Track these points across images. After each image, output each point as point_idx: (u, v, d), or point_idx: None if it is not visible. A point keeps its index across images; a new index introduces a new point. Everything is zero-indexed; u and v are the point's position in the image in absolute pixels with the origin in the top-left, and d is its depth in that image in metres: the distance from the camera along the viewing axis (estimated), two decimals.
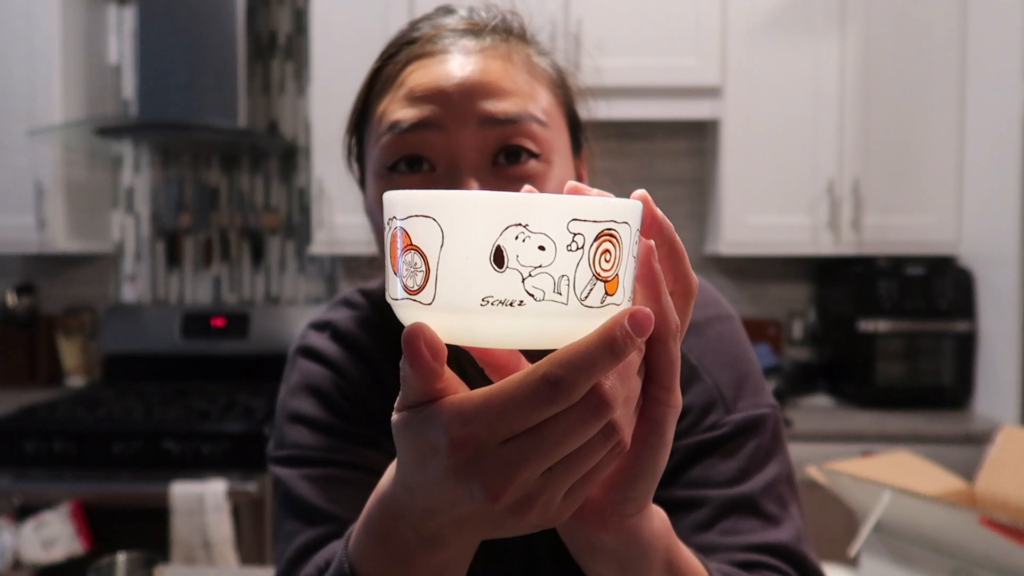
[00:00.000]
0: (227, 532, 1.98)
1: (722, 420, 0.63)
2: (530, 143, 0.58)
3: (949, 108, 2.32)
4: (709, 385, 0.65)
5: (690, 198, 2.73)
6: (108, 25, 2.77)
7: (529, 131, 0.58)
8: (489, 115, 0.56)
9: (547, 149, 0.59)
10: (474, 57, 0.59)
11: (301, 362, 0.71)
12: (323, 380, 0.69)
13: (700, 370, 0.65)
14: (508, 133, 0.57)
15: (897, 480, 0.80)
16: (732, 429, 0.63)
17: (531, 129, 0.58)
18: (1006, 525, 0.69)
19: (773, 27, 2.33)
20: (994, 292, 2.19)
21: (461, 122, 0.56)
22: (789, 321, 2.73)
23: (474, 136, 0.57)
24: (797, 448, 2.05)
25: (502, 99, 0.57)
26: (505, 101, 0.57)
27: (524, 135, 0.57)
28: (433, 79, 0.58)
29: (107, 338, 2.68)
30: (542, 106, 0.60)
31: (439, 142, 0.57)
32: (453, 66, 0.58)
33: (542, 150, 0.58)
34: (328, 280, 2.80)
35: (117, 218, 2.83)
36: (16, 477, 2.08)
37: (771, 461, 0.63)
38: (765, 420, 0.64)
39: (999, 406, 2.16)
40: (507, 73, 0.58)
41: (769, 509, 0.62)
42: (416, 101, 0.58)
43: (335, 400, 0.68)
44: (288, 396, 0.70)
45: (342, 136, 0.76)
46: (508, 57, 0.60)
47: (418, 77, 0.59)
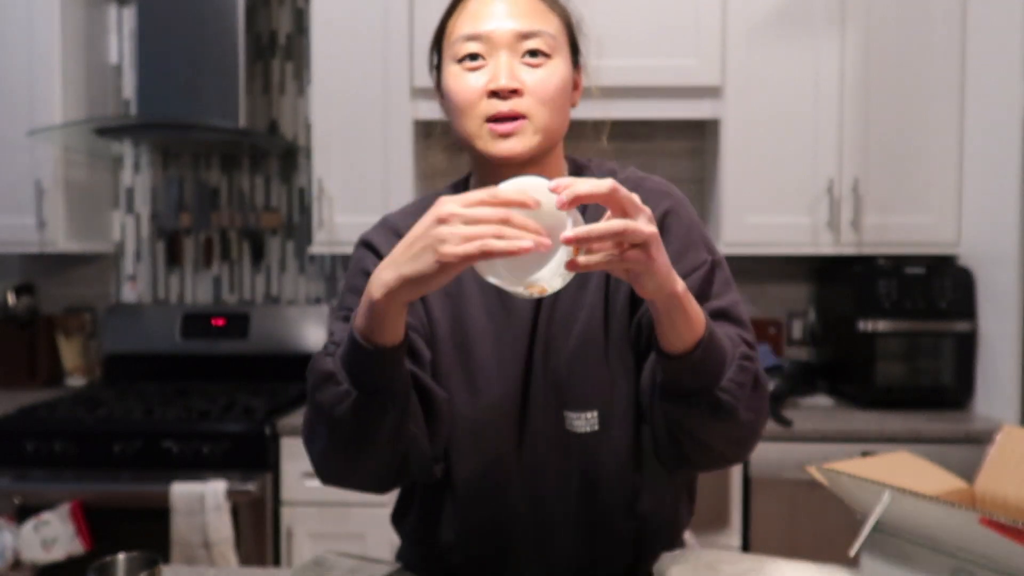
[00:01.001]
0: (227, 532, 1.98)
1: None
2: (543, 46, 0.89)
3: (949, 107, 2.32)
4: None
5: (690, 198, 2.71)
6: (108, 25, 2.77)
7: (541, 39, 0.89)
8: (520, 33, 0.88)
9: (554, 51, 0.90)
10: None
11: (357, 250, 0.99)
12: (371, 263, 0.95)
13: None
14: (531, 40, 0.88)
15: (897, 480, 0.80)
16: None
17: (542, 38, 0.89)
18: (1006, 525, 0.69)
19: (773, 27, 2.33)
20: (994, 292, 2.19)
21: (505, 36, 0.88)
22: (789, 321, 2.73)
23: (511, 44, 0.88)
24: (797, 448, 2.06)
25: (527, 20, 0.88)
26: (529, 21, 0.88)
27: (540, 41, 0.89)
28: (489, 7, 0.89)
29: (107, 338, 2.68)
30: (552, 27, 0.91)
31: (490, 48, 0.88)
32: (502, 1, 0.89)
33: (551, 52, 0.89)
34: (328, 280, 2.80)
35: (117, 218, 2.83)
36: (16, 477, 2.08)
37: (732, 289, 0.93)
38: (718, 263, 0.93)
39: (999, 406, 2.16)
40: (530, 6, 0.90)
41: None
42: (477, 21, 0.88)
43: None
44: (347, 276, 0.98)
45: (342, 136, 0.96)
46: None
47: (477, 5, 0.89)
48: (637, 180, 1.03)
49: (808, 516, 2.07)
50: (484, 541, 0.95)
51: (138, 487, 2.05)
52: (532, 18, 0.88)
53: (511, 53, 0.87)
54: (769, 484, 2.07)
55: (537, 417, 0.92)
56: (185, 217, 2.77)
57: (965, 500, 0.89)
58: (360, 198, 2.40)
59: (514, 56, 0.87)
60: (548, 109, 0.88)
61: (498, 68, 0.86)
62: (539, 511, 0.93)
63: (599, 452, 0.91)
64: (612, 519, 0.93)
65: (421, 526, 0.99)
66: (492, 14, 0.87)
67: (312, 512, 2.14)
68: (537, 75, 0.87)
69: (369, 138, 2.39)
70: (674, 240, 0.92)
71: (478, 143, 0.88)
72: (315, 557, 1.01)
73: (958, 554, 0.77)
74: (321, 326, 2.64)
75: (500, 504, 0.94)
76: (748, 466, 2.07)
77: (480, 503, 0.94)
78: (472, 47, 0.87)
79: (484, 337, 0.93)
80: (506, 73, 0.85)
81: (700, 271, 0.90)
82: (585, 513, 0.93)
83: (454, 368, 0.93)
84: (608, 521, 0.93)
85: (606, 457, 0.91)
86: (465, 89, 0.87)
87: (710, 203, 2.59)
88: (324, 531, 2.14)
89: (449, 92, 0.89)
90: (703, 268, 0.90)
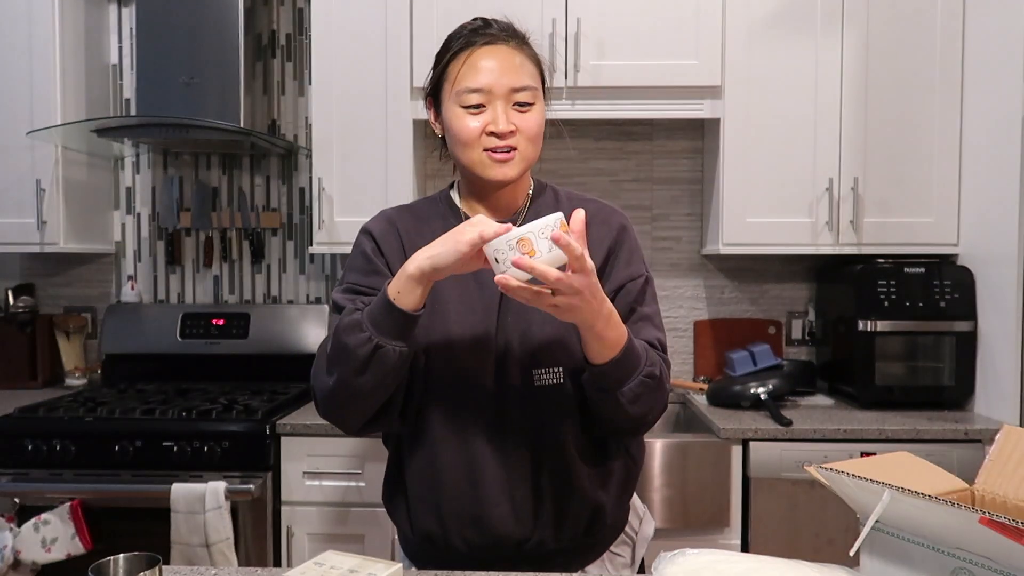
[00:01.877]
0: (227, 532, 1.98)
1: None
2: (529, 97, 1.13)
3: (949, 107, 2.32)
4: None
5: (690, 198, 2.73)
6: (108, 25, 2.77)
7: (528, 92, 1.13)
8: (513, 88, 1.12)
9: (536, 99, 1.14)
10: (506, 53, 1.13)
11: (358, 237, 1.23)
12: (368, 247, 1.20)
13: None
14: (520, 93, 1.12)
15: (897, 480, 0.80)
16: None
17: (529, 91, 1.13)
18: (1006, 525, 0.69)
19: (773, 27, 2.33)
20: (994, 292, 2.19)
21: (502, 89, 1.11)
22: (789, 321, 2.73)
23: (505, 96, 1.12)
24: (797, 448, 2.06)
25: (517, 76, 1.12)
26: (518, 78, 1.12)
27: (527, 94, 1.13)
28: (489, 63, 1.12)
29: (107, 338, 2.68)
30: (534, 77, 1.15)
31: (490, 98, 1.12)
32: (498, 57, 1.12)
33: (534, 100, 1.14)
34: (328, 280, 2.80)
35: (117, 218, 2.83)
36: (16, 477, 2.08)
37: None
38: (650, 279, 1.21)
39: (999, 406, 2.16)
40: (519, 63, 1.13)
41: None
42: (480, 76, 1.11)
43: (372, 259, 1.18)
44: (350, 258, 1.22)
45: (342, 136, 1.08)
46: (520, 50, 1.15)
47: (477, 58, 1.12)
48: (592, 197, 1.28)
49: (808, 516, 2.07)
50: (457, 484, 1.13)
51: (138, 487, 2.05)
52: (520, 74, 1.13)
53: (505, 103, 1.11)
54: (769, 484, 2.07)
55: (509, 375, 1.13)
56: (185, 217, 2.77)
57: (965, 500, 0.89)
58: (360, 198, 2.40)
59: (507, 104, 1.12)
60: (532, 144, 1.14)
61: (497, 115, 1.11)
62: (505, 454, 1.13)
63: (562, 400, 1.14)
64: (567, 459, 1.14)
65: (402, 481, 1.19)
66: (491, 70, 1.11)
67: (312, 512, 2.14)
68: (525, 119, 1.12)
69: (369, 138, 2.39)
70: (627, 250, 1.20)
71: (477, 169, 1.13)
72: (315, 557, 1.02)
73: (958, 554, 0.77)
74: (321, 326, 2.64)
75: (471, 448, 1.13)
76: (748, 466, 2.07)
77: (452, 447, 1.13)
78: (475, 98, 1.11)
79: (458, 306, 1.15)
80: (503, 120, 1.11)
81: (639, 281, 1.18)
82: (546, 453, 1.14)
83: (432, 332, 1.13)
84: (564, 460, 1.14)
85: (568, 404, 1.14)
86: (469, 129, 1.12)
87: (710, 203, 2.59)
88: (324, 531, 2.14)
89: (455, 129, 1.13)
90: (640, 279, 1.18)
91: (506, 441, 1.13)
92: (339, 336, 1.03)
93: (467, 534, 1.14)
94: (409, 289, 1.00)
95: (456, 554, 1.15)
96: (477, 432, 1.13)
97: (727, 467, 2.07)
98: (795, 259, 2.71)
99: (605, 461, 1.18)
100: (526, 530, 1.14)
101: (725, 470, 2.07)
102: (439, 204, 1.24)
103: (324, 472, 2.13)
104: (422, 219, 1.22)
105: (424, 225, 1.20)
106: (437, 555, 1.17)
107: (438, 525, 1.15)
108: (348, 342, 1.01)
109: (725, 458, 2.07)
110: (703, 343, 2.71)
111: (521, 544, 1.14)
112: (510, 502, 1.13)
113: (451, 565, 1.12)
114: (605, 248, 1.17)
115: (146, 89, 2.47)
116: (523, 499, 1.13)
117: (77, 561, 1.98)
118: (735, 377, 2.36)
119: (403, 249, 1.17)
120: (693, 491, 2.05)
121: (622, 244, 1.19)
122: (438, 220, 1.21)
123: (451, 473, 1.13)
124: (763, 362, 2.41)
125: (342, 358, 1.03)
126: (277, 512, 2.14)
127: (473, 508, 1.13)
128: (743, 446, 2.08)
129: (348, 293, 1.14)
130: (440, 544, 1.16)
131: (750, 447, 2.06)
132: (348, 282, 1.17)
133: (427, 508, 1.16)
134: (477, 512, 1.13)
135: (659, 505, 2.06)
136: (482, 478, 1.13)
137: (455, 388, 1.13)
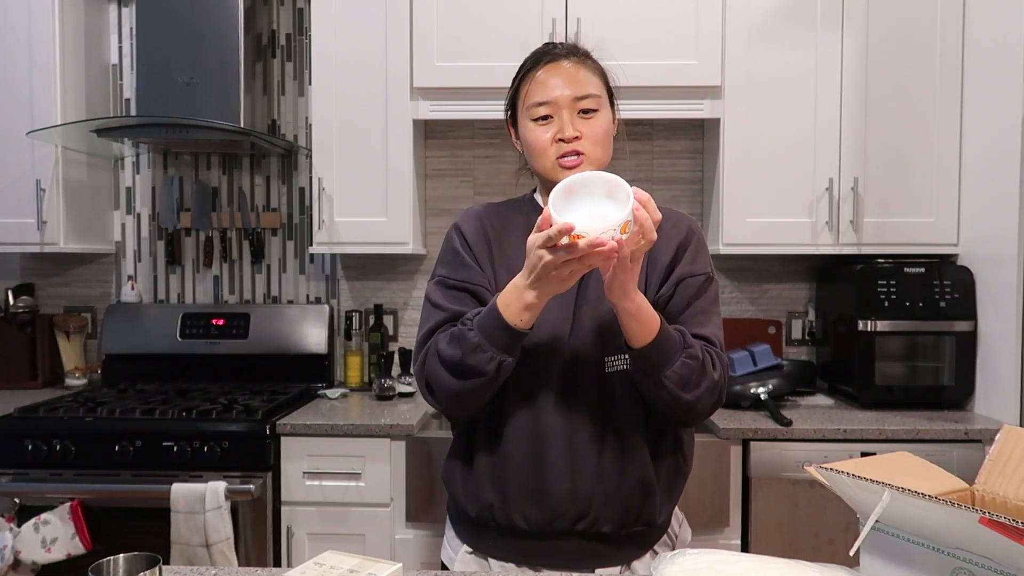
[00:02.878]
0: (227, 532, 1.98)
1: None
2: (592, 104, 1.22)
3: (949, 107, 2.32)
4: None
5: (690, 198, 2.73)
6: (108, 25, 2.77)
7: (591, 99, 1.21)
8: (577, 97, 1.21)
9: (601, 106, 1.23)
10: (568, 68, 1.23)
11: (449, 231, 1.32)
12: (458, 242, 1.28)
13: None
14: (583, 101, 1.21)
15: (897, 480, 0.80)
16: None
17: (592, 98, 1.21)
18: (1006, 525, 0.69)
19: (773, 27, 2.33)
20: (994, 292, 2.19)
21: (566, 100, 1.21)
22: (789, 321, 2.73)
23: (570, 105, 1.21)
24: (797, 447, 2.06)
25: (580, 87, 1.21)
26: (581, 87, 1.21)
27: (590, 101, 1.21)
28: (553, 79, 1.22)
29: (107, 338, 2.68)
30: (597, 86, 1.24)
31: (556, 109, 1.21)
32: (561, 73, 1.23)
33: (598, 107, 1.22)
34: (328, 280, 2.80)
35: (117, 218, 2.83)
36: (16, 477, 2.08)
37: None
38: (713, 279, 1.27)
39: (999, 406, 2.16)
40: (582, 76, 1.23)
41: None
42: (546, 90, 1.22)
43: (461, 253, 1.27)
44: (441, 252, 1.31)
45: (342, 136, 1.09)
46: (582, 65, 1.25)
47: (544, 76, 1.23)
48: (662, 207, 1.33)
49: (808, 516, 2.07)
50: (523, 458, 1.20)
51: (138, 487, 2.05)
52: (583, 84, 1.21)
53: (570, 112, 1.20)
54: (769, 483, 2.07)
55: (582, 359, 1.20)
56: (185, 217, 2.77)
57: (965, 500, 0.89)
58: (360, 198, 2.40)
59: (572, 113, 1.20)
60: (599, 147, 1.21)
61: (563, 123, 1.20)
62: (571, 433, 1.19)
63: (631, 387, 1.19)
64: (629, 445, 1.20)
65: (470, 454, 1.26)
66: (556, 84, 1.21)
67: (312, 512, 2.14)
68: (589, 125, 1.20)
69: (369, 138, 2.39)
70: (693, 248, 1.25)
71: (551, 174, 1.22)
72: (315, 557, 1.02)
73: (958, 554, 0.77)
74: (321, 326, 2.64)
75: (539, 424, 1.19)
76: (748, 466, 2.07)
77: (522, 423, 1.20)
78: (543, 111, 1.21)
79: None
80: (569, 127, 1.20)
81: (699, 277, 1.23)
82: (609, 437, 1.20)
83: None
84: (625, 446, 1.20)
85: (635, 391, 1.19)
86: (541, 140, 1.21)
87: (710, 203, 2.59)
88: (324, 531, 2.14)
89: (529, 141, 1.23)
90: (702, 276, 1.24)
91: (573, 421, 1.19)
92: (464, 358, 1.13)
93: (527, 508, 1.20)
94: (528, 318, 1.10)
95: (514, 530, 1.21)
96: (547, 411, 1.19)
97: (727, 467, 2.07)
98: (795, 259, 2.71)
99: (662, 456, 1.24)
100: (583, 509, 1.19)
101: (725, 470, 2.07)
102: (523, 204, 1.34)
103: (324, 472, 2.13)
104: (507, 216, 1.31)
105: (509, 222, 1.30)
106: (493, 529, 1.23)
107: (499, 498, 1.21)
108: (473, 363, 1.12)
109: (725, 458, 2.07)
110: None
111: (576, 522, 1.20)
112: (570, 480, 1.18)
113: (506, 540, 1.22)
114: (675, 245, 1.25)
115: (146, 89, 2.47)
116: (583, 479, 1.19)
117: (77, 561, 1.99)
118: (735, 377, 2.36)
119: (489, 244, 1.27)
120: (693, 491, 2.05)
121: (690, 243, 1.26)
122: (521, 216, 1.30)
123: (518, 446, 1.20)
124: (763, 362, 2.41)
125: (469, 374, 1.13)
126: (277, 512, 2.14)
127: (535, 482, 1.19)
128: (743, 446, 2.08)
129: (440, 287, 1.25)
130: (499, 517, 1.22)
131: (750, 447, 2.06)
132: (440, 275, 1.27)
133: (491, 481, 1.22)
134: (539, 486, 1.19)
135: None
136: (547, 454, 1.19)
137: (532, 370, 1.19)
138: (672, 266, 1.24)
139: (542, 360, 1.20)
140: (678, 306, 1.21)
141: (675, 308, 1.21)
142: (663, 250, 1.23)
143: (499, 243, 1.27)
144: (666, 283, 1.22)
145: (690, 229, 1.28)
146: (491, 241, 1.27)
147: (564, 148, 1.19)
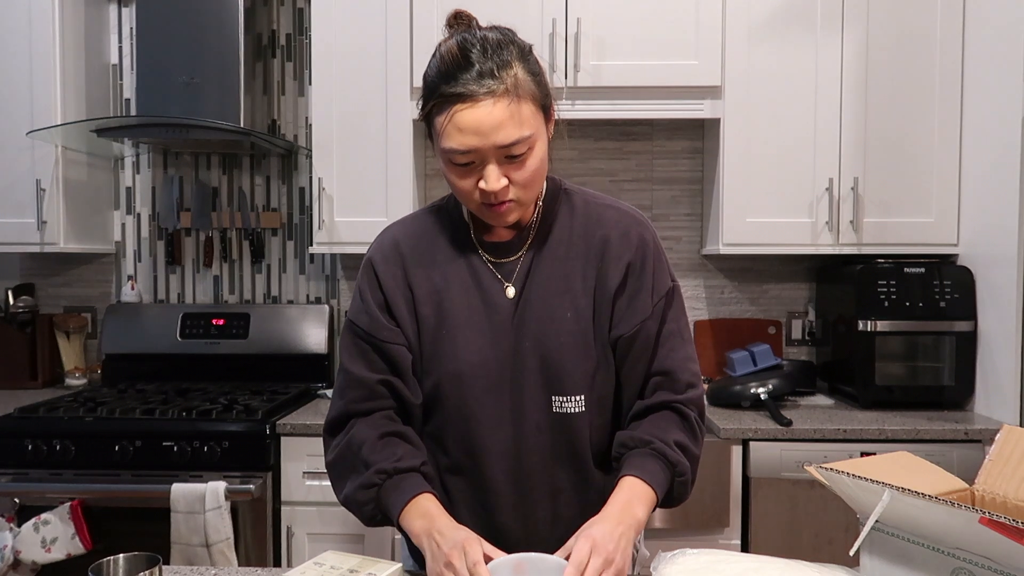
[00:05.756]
0: (227, 532, 1.98)
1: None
2: (522, 148, 1.01)
3: (949, 107, 2.32)
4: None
5: (690, 198, 2.73)
6: (108, 25, 2.77)
7: (520, 142, 1.00)
8: (501, 144, 0.99)
9: (531, 143, 1.02)
10: (488, 109, 0.98)
11: (362, 270, 1.17)
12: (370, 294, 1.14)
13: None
14: (511, 147, 1.00)
15: (897, 480, 0.80)
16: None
17: (520, 143, 1.00)
18: (1006, 525, 0.69)
19: (773, 27, 2.33)
20: (994, 292, 2.19)
21: (489, 150, 1.00)
22: (789, 321, 2.73)
23: (494, 154, 1.01)
24: (797, 447, 2.05)
25: (506, 132, 0.99)
26: (507, 133, 0.99)
27: (519, 147, 1.01)
28: (472, 126, 0.98)
29: (107, 338, 2.68)
30: (526, 118, 1.00)
31: (480, 157, 1.01)
32: (482, 119, 0.98)
33: (529, 146, 1.02)
34: (328, 280, 2.80)
35: (117, 218, 2.83)
36: (16, 477, 2.08)
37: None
38: (675, 290, 1.15)
39: (999, 406, 2.16)
40: (508, 114, 0.98)
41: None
42: (463, 138, 0.99)
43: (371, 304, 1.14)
44: (354, 295, 1.18)
45: (342, 136, 1.01)
46: (505, 97, 0.98)
47: (459, 119, 0.98)
48: (611, 202, 1.19)
49: (808, 516, 2.07)
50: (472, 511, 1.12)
51: (138, 487, 2.05)
52: (508, 130, 0.99)
53: (496, 158, 1.01)
54: (769, 484, 2.07)
55: (526, 401, 1.09)
56: (185, 217, 2.77)
57: (965, 500, 0.89)
58: (360, 198, 2.40)
59: (498, 159, 1.01)
60: (529, 188, 1.05)
61: (487, 176, 1.01)
62: (521, 481, 1.10)
63: (582, 427, 1.10)
64: (586, 486, 1.12)
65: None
66: (475, 132, 0.98)
67: (312, 512, 2.14)
68: (519, 170, 1.02)
69: (369, 138, 2.39)
70: (649, 270, 1.12)
71: (477, 215, 1.09)
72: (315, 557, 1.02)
73: (958, 554, 0.77)
74: (321, 326, 2.64)
75: (485, 476, 1.10)
76: (748, 466, 2.07)
77: (466, 476, 1.11)
78: (463, 159, 1.01)
79: (467, 331, 1.10)
80: (494, 179, 1.01)
81: (663, 295, 1.12)
82: (563, 480, 1.11)
83: (442, 359, 1.10)
84: (583, 487, 1.12)
85: (587, 432, 1.10)
86: (461, 186, 1.04)
87: (710, 203, 2.59)
88: (324, 531, 2.14)
89: (449, 180, 1.06)
90: (666, 292, 1.12)
91: (522, 468, 1.10)
92: (354, 496, 1.07)
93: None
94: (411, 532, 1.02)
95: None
96: (492, 460, 1.09)
97: (727, 467, 2.07)
98: (795, 259, 2.71)
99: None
100: (538, 549, 1.10)
101: (725, 470, 2.07)
102: (448, 217, 1.17)
103: (324, 472, 2.13)
104: (429, 238, 1.16)
105: (432, 245, 1.15)
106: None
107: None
108: (358, 499, 1.07)
109: (725, 458, 2.07)
110: (703, 343, 2.71)
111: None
112: (524, 528, 1.11)
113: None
114: (624, 265, 1.10)
115: (146, 89, 2.47)
116: (538, 524, 1.11)
117: (77, 561, 1.99)
118: (735, 377, 2.36)
119: (406, 277, 1.13)
120: (693, 491, 2.05)
121: (644, 262, 1.11)
122: (443, 238, 1.15)
123: (464, 497, 1.12)
124: (763, 362, 2.41)
125: (350, 504, 1.09)
126: (277, 512, 2.14)
127: (488, 533, 1.06)
128: (743, 446, 2.08)
129: (356, 339, 1.13)
130: None
131: (750, 447, 2.06)
132: (352, 322, 1.15)
133: None
134: (492, 536, 1.07)
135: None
136: (497, 505, 1.10)
137: (470, 416, 1.09)
138: (621, 290, 1.10)
139: (485, 409, 1.09)
140: (644, 343, 1.10)
141: (641, 346, 1.10)
142: (611, 275, 1.09)
143: (421, 262, 1.13)
144: (622, 316, 1.09)
145: (641, 240, 1.12)
146: (408, 270, 1.13)
147: (490, 198, 1.02)
